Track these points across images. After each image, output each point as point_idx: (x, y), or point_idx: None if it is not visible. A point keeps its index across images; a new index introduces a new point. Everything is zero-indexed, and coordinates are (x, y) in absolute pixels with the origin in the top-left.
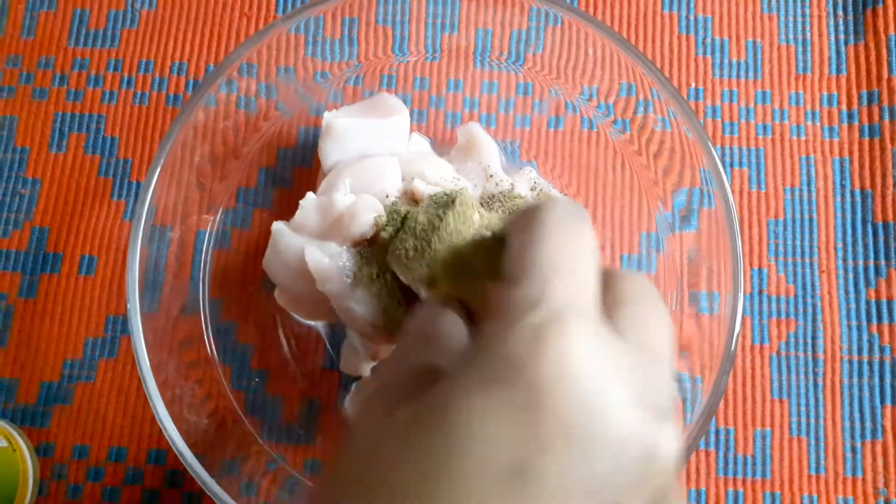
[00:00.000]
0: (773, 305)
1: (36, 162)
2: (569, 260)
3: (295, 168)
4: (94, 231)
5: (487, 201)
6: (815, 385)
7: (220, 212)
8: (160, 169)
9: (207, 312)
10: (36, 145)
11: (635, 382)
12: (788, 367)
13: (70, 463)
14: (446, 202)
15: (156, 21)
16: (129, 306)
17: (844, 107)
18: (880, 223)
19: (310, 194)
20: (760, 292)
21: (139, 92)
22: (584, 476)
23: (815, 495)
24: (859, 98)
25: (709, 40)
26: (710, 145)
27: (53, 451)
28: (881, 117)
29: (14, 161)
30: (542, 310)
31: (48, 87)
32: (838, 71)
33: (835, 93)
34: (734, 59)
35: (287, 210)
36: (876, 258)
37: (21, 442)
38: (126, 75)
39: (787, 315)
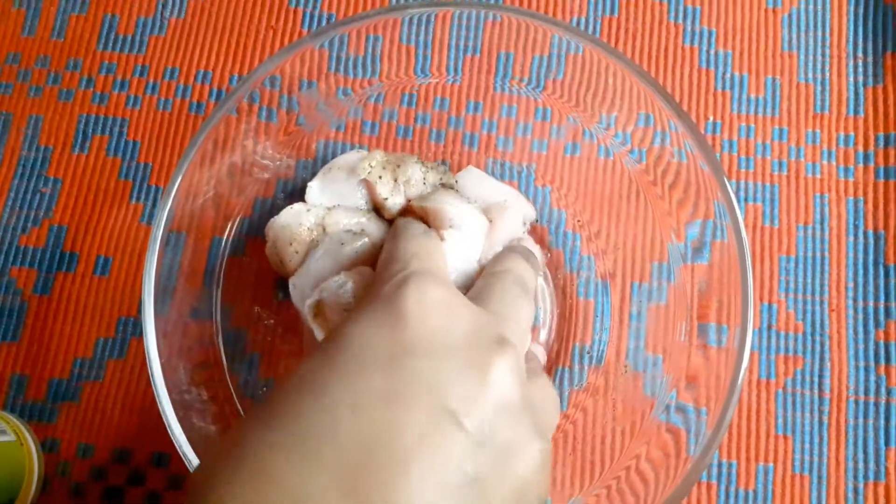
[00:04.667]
0: (782, 342)
1: (59, 162)
2: (423, 250)
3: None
4: (112, 232)
5: None
6: (821, 423)
7: (237, 220)
8: (182, 177)
9: (219, 319)
10: (60, 145)
11: (477, 313)
12: (794, 403)
13: (74, 461)
14: None
15: (183, 29)
16: (143, 309)
17: (861, 147)
18: (892, 265)
19: None
20: (769, 328)
21: (163, 98)
22: (439, 365)
23: None
24: (876, 140)
25: (728, 75)
26: (725, 179)
27: (59, 447)
28: None
29: (37, 160)
30: (406, 271)
31: (74, 89)
32: (856, 112)
33: (851, 133)
34: (753, 95)
35: None
36: (886, 300)
37: (28, 437)
38: (151, 81)
39: (795, 352)
